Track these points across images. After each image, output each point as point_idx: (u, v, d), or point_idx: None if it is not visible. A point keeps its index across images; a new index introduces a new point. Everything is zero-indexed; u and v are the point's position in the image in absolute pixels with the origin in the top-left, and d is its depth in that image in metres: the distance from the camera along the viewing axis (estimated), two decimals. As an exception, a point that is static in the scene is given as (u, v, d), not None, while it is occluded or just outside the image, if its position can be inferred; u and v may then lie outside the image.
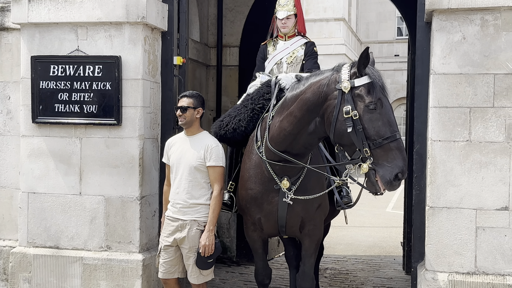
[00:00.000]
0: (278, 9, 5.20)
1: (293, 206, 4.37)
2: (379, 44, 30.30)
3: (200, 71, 7.83)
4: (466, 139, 4.61)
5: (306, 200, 4.35)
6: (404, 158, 3.70)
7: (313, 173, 4.39)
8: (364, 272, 7.54)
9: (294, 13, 5.18)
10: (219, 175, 4.49)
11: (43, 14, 5.31)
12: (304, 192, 4.33)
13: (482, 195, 4.58)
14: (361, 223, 11.54)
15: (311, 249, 4.57)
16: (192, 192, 4.49)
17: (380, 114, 3.75)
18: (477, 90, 4.58)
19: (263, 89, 4.81)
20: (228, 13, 7.97)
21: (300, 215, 4.43)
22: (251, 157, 4.51)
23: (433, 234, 4.68)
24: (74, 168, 5.34)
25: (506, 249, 4.55)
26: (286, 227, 4.47)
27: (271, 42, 5.35)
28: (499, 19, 4.54)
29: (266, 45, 5.36)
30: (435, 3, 4.59)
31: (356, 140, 3.74)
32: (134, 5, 5.13)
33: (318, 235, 4.59)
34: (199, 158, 4.47)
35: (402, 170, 3.66)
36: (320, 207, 4.51)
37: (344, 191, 4.89)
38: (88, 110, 5.26)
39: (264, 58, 5.30)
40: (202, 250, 4.40)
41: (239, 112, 4.77)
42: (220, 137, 4.79)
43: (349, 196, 4.87)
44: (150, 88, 5.34)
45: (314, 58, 5.18)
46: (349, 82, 3.84)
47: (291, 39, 5.23)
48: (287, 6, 5.16)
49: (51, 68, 5.31)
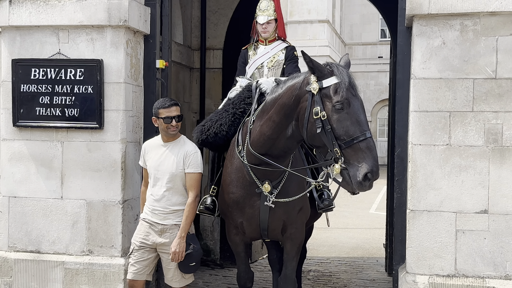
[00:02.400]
0: (258, 13, 5.22)
1: (274, 209, 4.39)
2: (363, 46, 30.53)
3: (184, 74, 7.82)
4: (446, 143, 4.66)
5: (288, 204, 4.37)
6: (374, 157, 3.68)
7: (294, 177, 4.42)
8: (347, 274, 7.58)
9: (275, 18, 5.20)
10: (195, 182, 4.50)
11: (24, 17, 5.28)
12: (285, 195, 4.36)
13: (462, 199, 4.64)
14: (344, 224, 11.60)
15: (292, 252, 4.59)
16: (172, 199, 4.49)
17: (348, 114, 3.75)
18: (457, 95, 4.63)
19: (244, 93, 4.83)
20: (211, 16, 7.97)
21: (282, 218, 4.45)
22: (233, 162, 4.53)
23: (413, 237, 4.72)
24: (55, 172, 5.30)
25: (485, 252, 4.61)
26: (268, 230, 4.49)
27: (252, 46, 5.37)
28: (478, 25, 4.60)
29: (247, 50, 5.38)
30: (415, 8, 4.64)
31: (326, 140, 3.77)
32: (116, 8, 5.11)
33: (299, 238, 4.62)
34: (179, 165, 4.47)
35: (372, 170, 3.64)
36: (302, 210, 4.54)
37: (325, 194, 4.92)
38: (70, 114, 5.23)
39: (245, 63, 5.33)
40: (172, 257, 4.41)
41: (220, 116, 4.79)
42: (201, 142, 4.80)
43: (330, 199, 4.90)
44: (132, 92, 5.33)
45: (295, 62, 5.20)
46: (317, 83, 3.86)
47: (272, 43, 5.25)
48: (267, 11, 5.18)
49: (32, 71, 5.27)
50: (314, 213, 4.97)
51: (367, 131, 3.73)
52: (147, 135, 5.48)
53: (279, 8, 5.30)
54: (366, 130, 3.73)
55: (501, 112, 4.57)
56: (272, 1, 5.24)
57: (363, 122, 3.75)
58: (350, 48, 30.72)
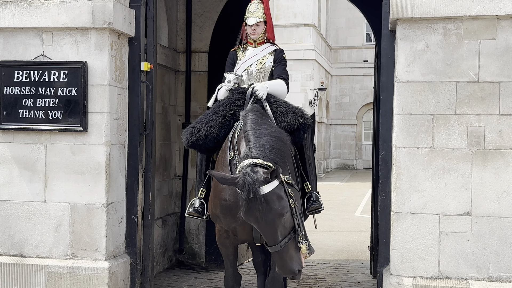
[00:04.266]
0: (248, 15, 5.24)
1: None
2: (349, 49, 30.68)
3: (169, 77, 7.80)
4: (429, 146, 4.70)
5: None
6: (281, 267, 3.84)
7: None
8: (332, 276, 7.59)
9: (264, 20, 5.23)
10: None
11: (8, 18, 5.24)
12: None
13: (445, 201, 4.67)
14: (330, 227, 11.63)
15: None
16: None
17: (255, 226, 3.89)
18: (440, 98, 4.68)
19: (235, 95, 4.84)
20: (197, 19, 7.97)
21: None
22: (224, 168, 4.49)
23: (397, 239, 4.75)
24: (38, 175, 5.26)
25: (468, 253, 4.65)
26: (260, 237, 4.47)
27: (241, 48, 5.38)
28: (461, 28, 4.65)
29: (235, 51, 5.39)
30: (399, 12, 4.68)
31: None
32: (101, 10, 5.09)
33: None
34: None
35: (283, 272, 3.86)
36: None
37: (314, 196, 4.92)
38: (53, 116, 5.20)
39: (233, 64, 5.32)
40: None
41: (210, 118, 4.79)
42: (191, 144, 4.79)
43: (319, 201, 4.91)
44: (117, 94, 5.31)
45: (283, 65, 5.24)
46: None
47: (260, 46, 5.27)
48: (256, 13, 5.20)
49: (16, 73, 5.23)
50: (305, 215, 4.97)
51: (272, 247, 3.79)
52: (132, 137, 5.47)
53: (268, 11, 5.33)
54: (272, 245, 3.79)
55: (484, 115, 4.62)
56: (261, 4, 5.26)
57: (268, 238, 3.80)
58: (336, 52, 30.88)
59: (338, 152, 31.30)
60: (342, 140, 31.12)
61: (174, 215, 7.89)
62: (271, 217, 3.73)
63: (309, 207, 4.86)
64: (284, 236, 3.76)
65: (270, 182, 3.76)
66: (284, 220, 3.79)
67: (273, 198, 3.74)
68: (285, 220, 3.80)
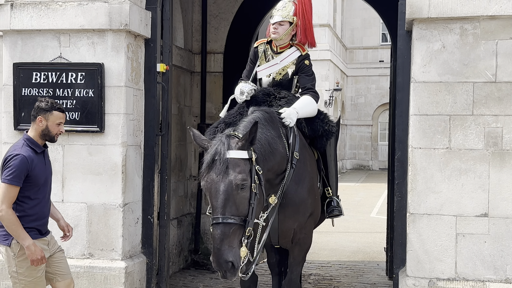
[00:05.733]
0: (273, 13, 4.89)
1: (284, 220, 4.35)
2: (364, 50, 30.55)
3: (185, 78, 7.84)
4: (446, 147, 4.67)
5: (298, 210, 4.36)
6: (213, 247, 3.50)
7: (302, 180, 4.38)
8: (348, 277, 7.57)
9: (289, 20, 4.83)
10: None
11: (26, 21, 5.30)
12: (293, 204, 4.32)
13: (462, 202, 4.64)
14: (345, 228, 11.59)
15: (299, 257, 4.59)
16: None
17: (206, 197, 3.67)
18: (457, 98, 4.64)
19: (260, 97, 4.68)
20: (212, 20, 8.00)
21: (292, 227, 4.43)
22: None
23: (414, 240, 4.73)
24: (56, 175, 5.30)
25: (485, 255, 4.61)
26: (279, 239, 4.48)
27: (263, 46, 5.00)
28: (478, 28, 4.61)
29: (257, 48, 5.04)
30: (415, 12, 4.66)
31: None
32: (117, 12, 5.13)
33: (308, 243, 4.62)
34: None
35: (212, 260, 3.51)
36: (312, 215, 4.54)
37: (334, 202, 4.91)
38: (71, 117, 5.25)
39: (254, 61, 5.02)
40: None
41: (234, 119, 4.57)
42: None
43: (340, 208, 4.90)
44: (133, 95, 5.34)
45: (307, 72, 4.88)
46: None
47: (283, 53, 4.89)
48: (282, 11, 4.82)
49: (34, 75, 5.30)
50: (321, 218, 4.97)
51: (213, 217, 3.53)
52: (148, 138, 5.50)
53: (304, 13, 4.89)
54: (214, 216, 3.53)
55: (501, 115, 4.58)
56: (291, 4, 4.88)
57: (214, 207, 3.54)
58: (351, 52, 30.76)
59: (354, 152, 31.18)
60: (357, 141, 30.99)
61: (190, 215, 7.92)
62: (225, 185, 3.50)
63: (330, 213, 4.84)
64: (230, 215, 3.48)
65: (238, 151, 3.61)
66: (238, 197, 3.53)
67: (235, 167, 3.54)
68: (238, 199, 3.54)
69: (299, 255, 4.59)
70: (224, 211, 3.48)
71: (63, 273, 4.27)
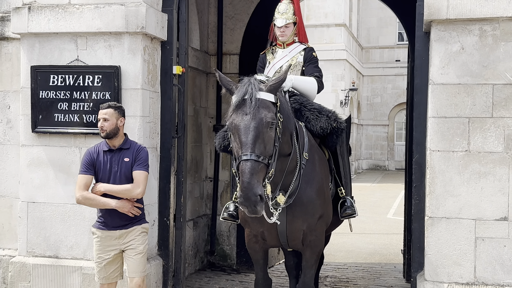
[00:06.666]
0: (277, 16, 5.13)
1: (293, 220, 4.33)
2: (380, 49, 30.36)
3: (200, 79, 7.84)
4: (465, 149, 4.61)
5: (307, 211, 4.33)
6: (242, 182, 3.52)
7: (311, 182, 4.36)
8: (365, 280, 7.52)
9: (293, 21, 5.13)
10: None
11: (43, 24, 5.33)
12: (301, 204, 4.31)
13: (481, 206, 4.58)
14: (362, 229, 11.52)
15: (312, 260, 4.55)
16: None
17: (233, 135, 3.72)
18: (476, 101, 4.58)
19: None
20: (228, 21, 7.98)
21: (301, 228, 4.39)
22: None
23: (432, 244, 4.67)
24: (73, 178, 5.32)
25: (505, 259, 4.55)
26: (288, 241, 4.45)
27: (270, 50, 5.34)
28: (498, 30, 4.55)
29: (265, 54, 5.35)
30: (433, 13, 4.60)
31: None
32: (134, 15, 5.14)
33: (319, 246, 4.57)
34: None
35: (240, 195, 3.52)
36: (322, 217, 4.49)
37: (348, 202, 4.87)
38: (88, 120, 5.27)
39: (263, 67, 5.28)
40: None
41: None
42: (223, 148, 4.77)
43: (353, 208, 4.86)
44: (149, 98, 5.35)
45: (315, 63, 5.14)
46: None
47: (289, 46, 5.20)
48: (286, 14, 5.08)
49: (51, 77, 5.33)
50: (336, 220, 4.93)
51: (243, 154, 3.57)
52: (164, 140, 5.50)
53: (299, 12, 5.19)
54: (244, 152, 3.57)
55: (521, 118, 4.51)
56: (291, 4, 5.13)
57: (245, 143, 3.59)
58: (367, 52, 30.60)
59: (370, 152, 31.01)
60: (373, 141, 30.81)
61: (205, 216, 7.92)
62: (256, 122, 3.60)
63: (343, 212, 4.81)
64: (259, 153, 3.56)
65: (267, 93, 3.75)
66: (266, 135, 3.64)
67: (264, 106, 3.67)
68: (267, 137, 3.65)
69: (311, 258, 4.55)
70: (254, 148, 3.57)
71: (130, 271, 4.58)
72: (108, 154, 4.50)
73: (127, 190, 4.42)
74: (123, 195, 4.43)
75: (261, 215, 3.62)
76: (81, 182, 4.46)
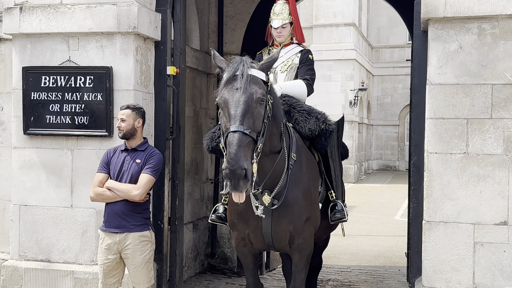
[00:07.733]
0: (272, 17, 5.10)
1: (278, 221, 4.24)
2: (391, 49, 30.09)
3: (201, 80, 7.74)
4: (463, 152, 4.47)
5: (293, 213, 4.23)
6: (229, 153, 3.44)
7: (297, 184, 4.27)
8: (367, 283, 7.38)
9: (290, 21, 5.07)
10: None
11: (35, 24, 5.26)
12: (287, 205, 4.19)
13: (480, 209, 4.44)
14: (368, 231, 11.37)
15: (301, 264, 4.43)
16: None
17: (223, 110, 3.69)
18: (475, 101, 4.45)
19: None
20: (228, 21, 7.89)
21: (287, 229, 4.29)
22: None
23: (430, 249, 4.54)
24: (65, 180, 5.27)
25: (505, 265, 4.41)
26: (273, 242, 4.35)
27: (266, 50, 5.28)
28: (497, 28, 4.41)
29: (261, 54, 5.28)
30: (430, 11, 4.47)
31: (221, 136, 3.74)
32: (125, 15, 5.06)
33: (308, 249, 4.45)
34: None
35: (225, 167, 3.43)
36: (309, 220, 4.38)
37: (338, 205, 4.76)
38: (80, 122, 5.20)
39: None
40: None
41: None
42: (211, 149, 4.70)
43: (343, 211, 4.74)
44: (142, 99, 5.26)
45: (309, 65, 5.08)
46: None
47: (286, 47, 5.13)
48: (282, 14, 5.05)
49: (43, 79, 5.26)
50: (327, 224, 4.82)
51: (232, 125, 3.53)
52: (158, 142, 5.40)
53: (295, 11, 5.15)
54: (232, 124, 3.53)
55: (522, 119, 4.36)
56: (287, 4, 5.09)
57: (234, 115, 3.56)
58: (377, 51, 30.35)
59: (380, 153, 30.76)
60: (383, 141, 30.55)
61: (206, 219, 7.79)
62: (246, 96, 3.59)
63: (332, 216, 4.70)
64: (248, 127, 3.53)
65: (259, 71, 3.78)
66: (256, 111, 3.62)
67: (255, 82, 3.68)
68: (256, 113, 3.62)
69: (300, 262, 4.43)
70: (242, 121, 3.53)
71: (133, 282, 4.62)
72: (123, 153, 4.59)
73: (127, 190, 4.46)
74: (122, 194, 4.45)
75: (243, 193, 3.50)
76: (95, 180, 4.57)
